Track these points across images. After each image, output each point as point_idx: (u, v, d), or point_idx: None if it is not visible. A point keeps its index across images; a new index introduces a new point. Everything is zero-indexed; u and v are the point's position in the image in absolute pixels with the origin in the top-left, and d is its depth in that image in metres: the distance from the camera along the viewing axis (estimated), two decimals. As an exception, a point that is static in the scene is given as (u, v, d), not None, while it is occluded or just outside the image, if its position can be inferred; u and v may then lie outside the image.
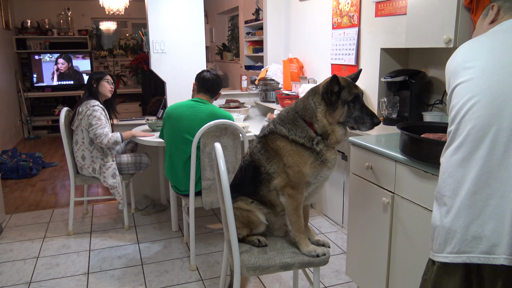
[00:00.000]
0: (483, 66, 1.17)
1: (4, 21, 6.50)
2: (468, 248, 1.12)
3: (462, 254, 1.13)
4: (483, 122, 1.12)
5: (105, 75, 3.18)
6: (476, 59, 1.19)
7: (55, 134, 7.19)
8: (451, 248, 1.16)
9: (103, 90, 3.16)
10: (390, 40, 2.69)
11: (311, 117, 1.71)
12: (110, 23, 8.37)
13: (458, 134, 1.18)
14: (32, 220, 3.55)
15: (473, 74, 1.18)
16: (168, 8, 3.72)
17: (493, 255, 1.09)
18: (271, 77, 4.01)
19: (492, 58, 1.16)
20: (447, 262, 1.17)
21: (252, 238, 1.83)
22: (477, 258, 1.11)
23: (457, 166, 1.17)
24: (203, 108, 2.70)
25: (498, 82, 1.12)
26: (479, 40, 1.26)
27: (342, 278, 2.59)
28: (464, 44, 1.29)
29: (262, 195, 1.80)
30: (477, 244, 1.11)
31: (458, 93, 1.21)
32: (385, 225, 1.98)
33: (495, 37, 1.23)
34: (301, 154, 1.70)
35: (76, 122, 3.08)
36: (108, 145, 3.00)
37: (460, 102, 1.18)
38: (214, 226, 3.39)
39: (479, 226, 1.11)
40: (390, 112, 2.63)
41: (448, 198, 1.19)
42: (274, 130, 1.75)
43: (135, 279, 2.61)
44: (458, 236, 1.14)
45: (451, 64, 1.29)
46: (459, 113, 1.18)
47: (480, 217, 1.11)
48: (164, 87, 3.90)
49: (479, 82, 1.15)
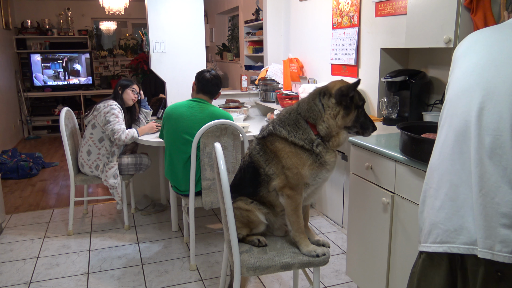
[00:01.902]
0: (477, 61, 1.18)
1: (4, 21, 6.50)
2: (450, 239, 1.16)
3: (444, 244, 1.17)
4: (466, 118, 1.14)
5: (132, 84, 3.27)
6: (475, 51, 1.20)
7: (55, 134, 7.19)
8: (433, 238, 1.20)
9: (126, 97, 3.23)
10: (390, 40, 2.69)
11: (316, 119, 1.69)
12: (110, 23, 8.37)
13: (445, 127, 1.21)
14: (32, 220, 3.55)
15: (466, 69, 1.20)
16: (168, 8, 3.72)
17: (472, 246, 1.12)
18: (271, 77, 4.01)
19: (488, 54, 1.16)
20: (432, 253, 1.21)
21: (252, 238, 1.83)
22: (457, 248, 1.14)
23: (442, 159, 1.20)
24: (203, 108, 2.70)
25: (487, 79, 1.13)
26: (485, 32, 1.26)
27: (342, 278, 2.59)
28: (471, 34, 1.29)
29: (261, 196, 1.80)
30: (457, 235, 1.14)
31: (451, 86, 1.24)
32: (385, 225, 1.98)
33: (498, 31, 1.22)
34: (299, 156, 1.69)
35: (90, 117, 3.14)
36: (126, 141, 3.03)
37: (450, 96, 1.22)
38: (214, 226, 3.39)
39: (460, 218, 1.14)
40: (390, 112, 2.63)
41: (434, 190, 1.22)
42: (273, 131, 1.75)
43: (135, 279, 2.61)
44: (441, 227, 1.18)
45: (455, 54, 1.30)
46: (447, 107, 1.22)
47: (462, 209, 1.15)
48: (164, 87, 3.90)
49: (471, 78, 1.17)
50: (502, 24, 1.27)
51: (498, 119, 1.08)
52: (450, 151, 1.17)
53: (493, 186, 1.08)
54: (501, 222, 1.07)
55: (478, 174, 1.10)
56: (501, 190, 1.07)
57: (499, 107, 1.08)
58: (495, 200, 1.07)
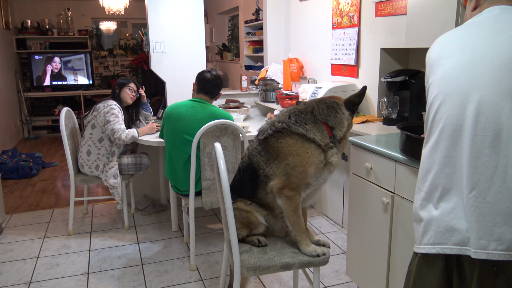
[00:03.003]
0: (453, 65, 1.19)
1: (4, 21, 6.50)
2: (442, 240, 1.17)
3: (437, 245, 1.19)
4: (452, 122, 1.16)
5: (129, 83, 3.26)
6: (449, 56, 1.22)
7: (55, 134, 7.19)
8: (427, 239, 1.22)
9: (124, 96, 3.23)
10: (390, 40, 2.69)
11: (336, 124, 1.77)
12: (110, 23, 8.37)
13: (432, 132, 1.23)
14: (32, 220, 3.55)
15: (444, 73, 1.21)
16: (168, 8, 3.72)
17: (465, 246, 1.14)
18: (271, 77, 4.01)
19: (463, 57, 1.18)
20: (424, 253, 1.23)
21: (252, 238, 1.83)
22: (450, 249, 1.16)
23: (432, 163, 1.22)
24: (203, 108, 2.70)
25: (466, 82, 1.15)
26: (455, 34, 1.27)
27: (342, 278, 2.59)
28: (441, 37, 1.31)
29: (259, 198, 1.80)
30: (450, 236, 1.16)
31: (432, 91, 1.25)
32: (385, 225, 1.98)
33: (468, 32, 1.23)
34: (311, 153, 1.71)
35: (89, 117, 3.14)
36: (126, 141, 3.03)
37: (433, 100, 1.24)
38: (214, 226, 3.39)
39: (451, 220, 1.16)
40: (390, 112, 2.63)
41: (425, 194, 1.24)
42: (287, 128, 1.74)
43: (135, 279, 2.61)
44: (434, 228, 1.20)
45: (428, 58, 1.32)
46: (431, 112, 1.24)
47: (453, 211, 1.16)
48: (164, 87, 3.90)
49: (450, 82, 1.19)
50: (469, 22, 1.27)
51: (495, 116, 1.09)
52: (440, 155, 1.19)
53: (484, 186, 1.10)
54: (495, 221, 1.08)
55: (468, 176, 1.12)
56: (492, 189, 1.09)
57: (490, 103, 1.09)
58: (487, 200, 1.09)
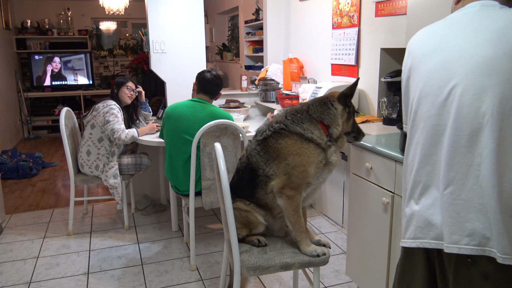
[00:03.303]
0: (434, 65, 1.21)
1: (4, 21, 6.50)
2: (421, 234, 1.23)
3: (417, 239, 1.24)
4: (432, 122, 1.20)
5: (127, 82, 3.24)
6: (429, 55, 1.24)
7: (55, 134, 7.19)
8: (409, 233, 1.27)
9: (122, 96, 3.22)
10: (390, 40, 2.69)
11: (331, 122, 1.76)
12: (110, 23, 8.37)
13: (414, 131, 1.27)
14: (32, 220, 3.55)
15: (424, 73, 1.24)
16: (168, 8, 3.72)
17: (441, 241, 1.18)
18: (271, 77, 4.01)
19: (441, 58, 1.20)
20: (406, 247, 1.29)
21: (252, 238, 1.83)
22: (429, 243, 1.22)
23: (416, 160, 1.26)
24: (203, 108, 2.70)
25: (445, 82, 1.17)
26: (437, 30, 1.28)
27: (342, 278, 2.59)
28: (424, 31, 1.32)
29: (258, 198, 1.79)
30: (428, 231, 1.21)
31: (412, 90, 1.29)
32: (385, 225, 1.98)
33: (449, 30, 1.24)
34: (311, 153, 1.71)
35: (89, 117, 3.14)
36: (126, 141, 3.03)
37: (413, 100, 1.28)
38: (214, 226, 3.39)
39: (430, 215, 1.21)
40: (390, 112, 2.63)
41: (409, 191, 1.29)
42: (285, 128, 1.74)
43: (135, 279, 2.61)
44: (414, 223, 1.25)
45: (410, 49, 1.35)
46: (412, 111, 1.28)
47: (432, 207, 1.21)
48: (164, 87, 3.90)
49: (430, 82, 1.21)
50: (449, 17, 1.29)
51: (471, 116, 1.10)
52: (422, 154, 1.23)
53: (458, 183, 1.13)
54: (468, 217, 1.12)
55: (444, 173, 1.16)
56: (466, 186, 1.12)
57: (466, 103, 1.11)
58: (461, 197, 1.13)
